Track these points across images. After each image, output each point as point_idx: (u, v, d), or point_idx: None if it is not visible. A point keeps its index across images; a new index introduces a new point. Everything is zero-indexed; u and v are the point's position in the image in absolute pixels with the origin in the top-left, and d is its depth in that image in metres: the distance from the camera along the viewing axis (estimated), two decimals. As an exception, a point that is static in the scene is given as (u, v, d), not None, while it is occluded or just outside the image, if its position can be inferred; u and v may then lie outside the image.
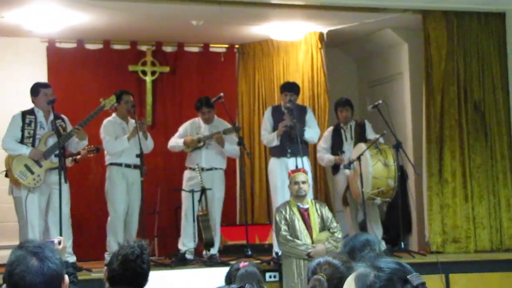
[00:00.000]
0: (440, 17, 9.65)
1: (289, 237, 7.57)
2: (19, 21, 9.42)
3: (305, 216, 7.70)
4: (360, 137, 9.56)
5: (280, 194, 9.07)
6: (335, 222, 7.85)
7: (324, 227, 7.71)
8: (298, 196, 7.74)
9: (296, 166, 8.59)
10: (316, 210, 7.78)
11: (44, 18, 9.33)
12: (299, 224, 7.65)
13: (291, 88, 9.26)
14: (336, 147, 9.65)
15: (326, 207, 7.93)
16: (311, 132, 9.22)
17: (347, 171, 9.30)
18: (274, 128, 9.23)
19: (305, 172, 7.99)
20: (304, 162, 8.82)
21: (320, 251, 7.32)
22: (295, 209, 7.71)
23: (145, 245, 3.92)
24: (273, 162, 9.29)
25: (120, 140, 8.92)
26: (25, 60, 10.53)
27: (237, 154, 9.56)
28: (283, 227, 7.64)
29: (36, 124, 8.23)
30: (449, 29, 9.68)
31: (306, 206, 7.76)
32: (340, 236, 7.70)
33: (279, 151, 9.16)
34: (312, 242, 7.61)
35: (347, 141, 9.65)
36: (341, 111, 9.71)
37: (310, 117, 9.36)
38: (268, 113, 9.49)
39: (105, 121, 9.14)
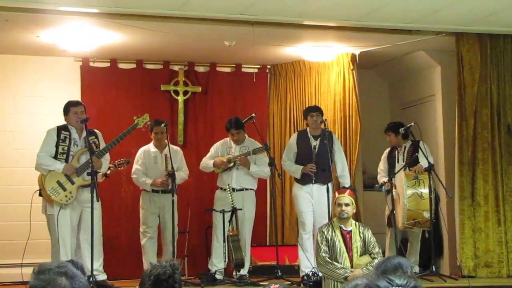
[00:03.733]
0: (473, 39, 9.60)
1: (327, 259, 7.49)
2: (53, 41, 9.54)
3: (346, 238, 7.62)
4: (411, 158, 9.46)
5: (309, 217, 9.07)
6: (378, 247, 7.76)
7: (365, 250, 7.64)
8: (340, 218, 7.68)
9: (327, 191, 8.63)
10: (359, 233, 7.68)
11: (78, 38, 9.43)
12: (340, 246, 7.57)
13: (317, 108, 9.44)
14: (390, 168, 9.67)
15: (370, 231, 7.82)
16: (345, 171, 9.25)
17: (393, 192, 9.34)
18: (298, 154, 9.25)
19: (352, 194, 7.91)
20: (328, 189, 8.86)
21: (358, 276, 7.23)
22: (337, 231, 7.64)
23: (177, 265, 3.92)
24: (298, 188, 9.28)
25: (143, 181, 9.42)
26: (59, 79, 10.64)
27: (266, 175, 9.52)
28: (323, 248, 7.56)
29: (70, 140, 8.30)
30: (483, 52, 9.62)
31: (349, 229, 7.67)
32: None
33: (304, 179, 9.16)
34: (351, 265, 7.54)
35: (398, 163, 9.60)
36: (386, 135, 9.83)
37: (338, 148, 9.31)
38: (293, 139, 9.48)
39: (139, 150, 9.53)
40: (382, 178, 9.64)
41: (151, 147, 9.56)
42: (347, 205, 7.67)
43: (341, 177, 9.18)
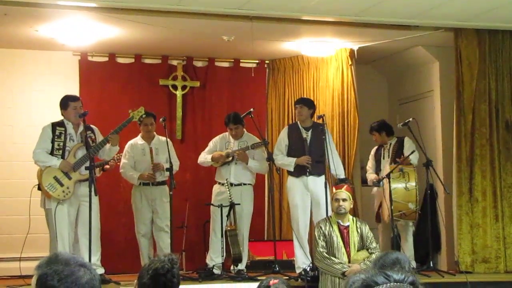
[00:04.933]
0: (472, 35, 9.60)
1: (325, 254, 7.50)
2: (52, 35, 9.53)
3: (344, 233, 7.63)
4: (396, 154, 9.57)
5: (301, 212, 9.08)
6: (375, 242, 7.78)
7: (363, 245, 7.65)
8: (338, 213, 7.68)
9: (326, 186, 8.66)
10: (357, 228, 7.70)
11: (76, 32, 9.43)
12: (337, 241, 7.58)
13: (301, 101, 9.49)
14: (377, 165, 9.81)
15: (367, 226, 7.84)
16: (338, 163, 9.24)
17: (374, 188, 9.39)
18: (290, 147, 9.26)
19: (349, 189, 7.91)
20: (322, 181, 8.82)
21: (356, 271, 7.23)
22: (335, 226, 7.64)
23: (175, 259, 3.93)
24: (292, 181, 9.26)
25: (131, 175, 9.35)
26: (57, 73, 10.64)
27: (264, 170, 9.54)
28: (321, 243, 7.57)
29: (66, 136, 8.29)
30: (481, 47, 9.62)
31: (346, 224, 7.68)
32: None
33: (299, 171, 9.16)
34: (349, 261, 7.54)
35: (384, 159, 9.74)
36: (372, 135, 9.95)
37: (330, 142, 9.27)
38: (284, 132, 9.48)
39: (126, 145, 9.44)
40: (370, 175, 9.80)
41: (138, 139, 9.50)
42: (344, 200, 7.69)
43: (336, 169, 9.17)
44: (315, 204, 9.00)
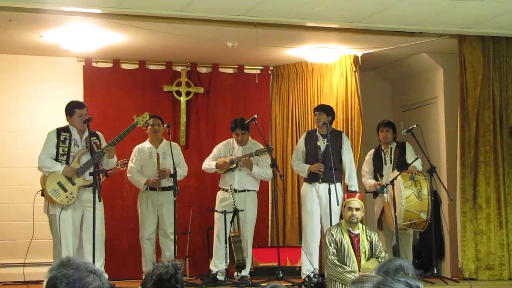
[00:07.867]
0: (476, 42, 9.60)
1: (336, 262, 7.45)
2: (56, 41, 9.55)
3: (354, 241, 7.61)
4: (399, 160, 9.51)
5: (310, 218, 9.10)
6: (384, 251, 7.75)
7: (372, 254, 7.63)
8: (350, 222, 7.65)
9: (329, 191, 8.65)
10: (367, 236, 7.67)
11: (81, 38, 9.45)
12: (348, 249, 7.55)
13: (319, 107, 9.49)
14: (377, 170, 9.68)
15: (377, 235, 7.82)
16: (351, 172, 9.27)
17: (385, 194, 9.33)
18: (306, 154, 9.29)
19: (362, 198, 7.88)
20: (336, 189, 8.79)
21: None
22: (345, 234, 7.62)
23: (179, 265, 3.91)
24: (305, 187, 9.33)
25: (137, 181, 9.36)
26: (62, 79, 10.64)
27: (268, 177, 9.53)
28: (332, 250, 7.53)
29: (70, 141, 8.32)
30: (485, 54, 9.62)
31: (356, 232, 7.65)
32: None
33: (311, 177, 9.19)
34: (359, 269, 7.51)
35: (386, 165, 9.64)
36: (381, 131, 9.75)
37: (347, 149, 9.31)
38: (302, 139, 9.56)
39: (134, 149, 9.46)
40: (369, 180, 9.64)
41: (146, 143, 9.51)
42: (357, 209, 7.64)
43: (348, 179, 9.20)
44: (324, 211, 9.00)
